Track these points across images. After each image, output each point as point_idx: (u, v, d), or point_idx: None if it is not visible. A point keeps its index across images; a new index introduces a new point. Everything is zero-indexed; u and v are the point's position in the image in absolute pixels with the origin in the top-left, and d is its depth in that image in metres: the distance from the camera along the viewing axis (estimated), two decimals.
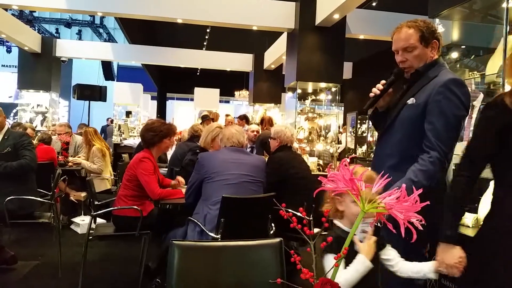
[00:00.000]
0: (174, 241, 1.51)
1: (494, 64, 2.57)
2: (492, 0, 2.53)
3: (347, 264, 1.39)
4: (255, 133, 6.41)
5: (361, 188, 0.83)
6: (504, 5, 2.27)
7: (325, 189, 0.86)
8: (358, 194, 0.80)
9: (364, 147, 8.73)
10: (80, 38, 16.37)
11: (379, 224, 1.41)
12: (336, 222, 1.56)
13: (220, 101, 13.65)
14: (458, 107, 1.81)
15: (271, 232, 3.02)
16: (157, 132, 3.44)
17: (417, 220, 0.77)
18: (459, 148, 1.97)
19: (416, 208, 0.76)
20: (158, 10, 7.02)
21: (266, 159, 3.79)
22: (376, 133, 7.84)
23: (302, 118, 7.47)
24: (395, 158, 1.93)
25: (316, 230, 3.19)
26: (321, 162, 6.80)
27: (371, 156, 7.99)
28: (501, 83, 2.30)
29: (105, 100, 11.41)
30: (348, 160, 0.87)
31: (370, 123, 8.33)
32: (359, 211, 1.40)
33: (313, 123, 7.53)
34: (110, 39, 16.69)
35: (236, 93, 14.62)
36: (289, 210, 0.90)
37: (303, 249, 2.99)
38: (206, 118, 8.16)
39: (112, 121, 11.67)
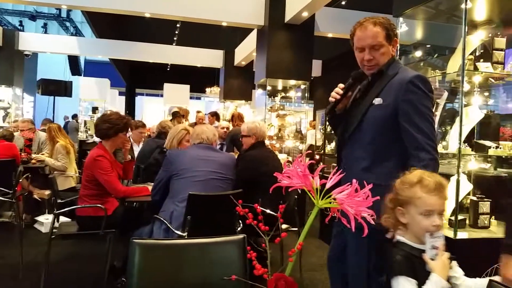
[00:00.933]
0: (134, 240, 1.48)
1: (455, 63, 2.64)
2: (456, 1, 2.59)
3: (419, 286, 1.24)
4: (225, 129, 6.39)
5: (316, 184, 0.83)
6: (463, 5, 2.33)
7: (280, 185, 0.86)
8: (312, 190, 0.80)
9: (333, 144, 8.83)
10: (45, 32, 15.85)
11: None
12: (400, 237, 1.41)
13: (191, 98, 13.54)
14: (429, 102, 1.85)
15: (239, 229, 3.01)
16: (113, 125, 3.32)
17: (368, 214, 0.78)
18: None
19: (368, 203, 0.77)
20: (125, 3, 6.88)
21: (236, 156, 3.78)
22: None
23: (273, 115, 7.49)
24: (367, 160, 1.91)
25: (284, 226, 3.20)
26: (290, 158, 6.85)
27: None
28: (461, 82, 2.37)
29: (70, 96, 11.11)
30: (305, 156, 0.87)
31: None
32: (430, 225, 1.32)
33: (282, 120, 7.57)
34: (77, 33, 16.25)
35: (207, 89, 14.52)
36: (260, 208, 0.90)
37: (272, 245, 2.99)
38: (177, 115, 8.08)
39: (73, 117, 11.37)
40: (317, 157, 7.08)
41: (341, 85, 1.98)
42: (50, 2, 7.40)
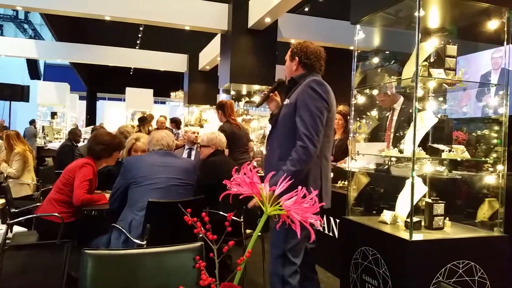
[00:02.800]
0: (86, 250, 1.43)
1: (410, 69, 2.72)
2: (410, 9, 2.67)
3: None
4: (196, 134, 6.29)
5: (265, 191, 0.83)
6: (416, 13, 2.41)
7: (230, 193, 0.85)
8: (260, 197, 0.79)
9: None
10: (1, 34, 15.24)
11: None
12: None
13: (156, 102, 13.36)
14: (319, 100, 2.24)
15: (200, 235, 2.97)
16: (106, 145, 3.31)
17: (316, 220, 0.79)
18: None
19: (314, 209, 0.77)
20: (85, 6, 6.70)
21: (200, 164, 3.75)
22: None
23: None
24: (280, 150, 2.34)
25: (249, 231, 3.19)
26: (255, 163, 6.85)
27: None
28: (414, 87, 2.44)
29: (27, 101, 10.69)
30: (254, 162, 0.87)
31: None
32: None
33: (247, 125, 7.57)
34: (36, 35, 15.72)
35: (172, 94, 14.37)
36: (221, 213, 0.88)
37: (238, 251, 2.98)
38: (144, 121, 7.87)
39: (31, 123, 10.94)
40: (254, 163, 7.11)
41: (269, 87, 2.54)
42: (5, 3, 7.12)
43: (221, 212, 3.03)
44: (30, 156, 5.04)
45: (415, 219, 2.43)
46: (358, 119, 3.17)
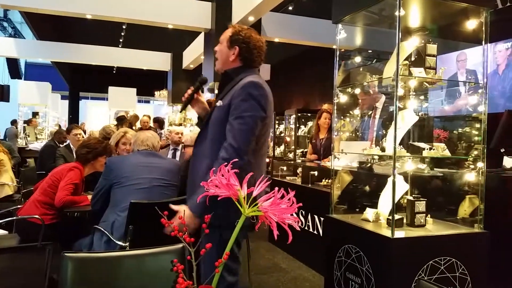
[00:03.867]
0: (66, 253, 1.41)
1: (391, 68, 2.74)
2: (391, 8, 2.69)
3: None
4: (179, 135, 6.24)
5: (243, 192, 0.82)
6: (397, 13, 2.43)
7: (208, 194, 0.85)
8: (237, 199, 0.79)
9: (282, 147, 8.93)
10: None
11: None
12: None
13: (140, 101, 13.25)
14: (255, 108, 1.94)
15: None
16: (91, 149, 3.33)
17: (294, 221, 0.78)
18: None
19: (292, 210, 0.77)
20: (65, 4, 6.60)
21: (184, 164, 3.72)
22: (292, 133, 8.07)
23: None
24: (209, 158, 2.00)
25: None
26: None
27: (288, 155, 8.17)
28: (395, 86, 2.46)
29: (7, 100, 10.50)
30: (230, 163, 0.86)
31: (288, 123, 8.57)
32: None
33: None
34: (17, 34, 15.41)
35: (156, 93, 14.26)
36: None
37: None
38: (123, 121, 7.69)
39: (12, 123, 10.74)
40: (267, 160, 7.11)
41: (191, 87, 2.17)
42: None
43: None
44: (5, 157, 4.96)
45: (397, 216, 2.46)
46: (342, 117, 3.19)
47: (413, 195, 2.68)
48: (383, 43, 3.56)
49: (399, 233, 2.40)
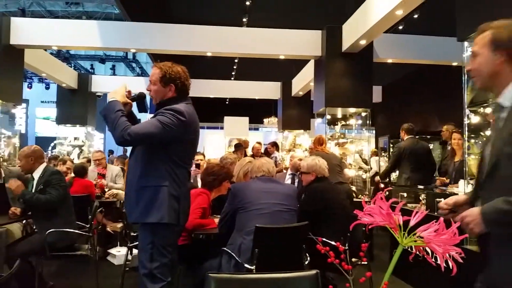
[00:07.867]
0: (210, 274, 1.53)
1: None
2: None
3: None
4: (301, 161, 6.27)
5: (399, 221, 0.82)
6: None
7: (361, 222, 0.86)
8: (396, 228, 0.79)
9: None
10: (114, 73, 17.03)
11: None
12: None
13: (250, 129, 13.78)
14: (170, 118, 2.32)
15: (306, 262, 2.97)
16: (216, 176, 3.59)
17: (456, 252, 0.76)
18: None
19: (455, 240, 0.75)
20: (187, 45, 7.26)
21: (302, 190, 3.78)
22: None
23: (332, 143, 7.41)
24: (141, 168, 2.40)
25: (354, 259, 3.10)
26: (354, 188, 6.68)
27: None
28: None
29: None
30: (386, 192, 0.87)
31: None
32: None
33: (343, 148, 7.46)
34: (143, 72, 17.29)
35: (265, 120, 14.75)
36: (325, 240, 0.90)
37: (342, 279, 2.91)
38: (240, 148, 8.28)
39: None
40: (382, 185, 6.85)
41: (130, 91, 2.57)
42: (119, 46, 7.99)
43: (325, 239, 3.01)
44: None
45: None
46: (475, 139, 2.97)
47: None
48: None
49: None
